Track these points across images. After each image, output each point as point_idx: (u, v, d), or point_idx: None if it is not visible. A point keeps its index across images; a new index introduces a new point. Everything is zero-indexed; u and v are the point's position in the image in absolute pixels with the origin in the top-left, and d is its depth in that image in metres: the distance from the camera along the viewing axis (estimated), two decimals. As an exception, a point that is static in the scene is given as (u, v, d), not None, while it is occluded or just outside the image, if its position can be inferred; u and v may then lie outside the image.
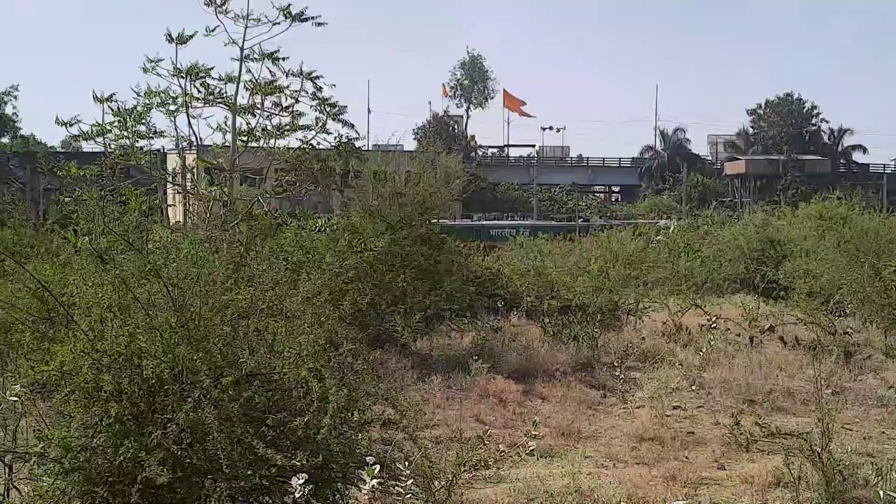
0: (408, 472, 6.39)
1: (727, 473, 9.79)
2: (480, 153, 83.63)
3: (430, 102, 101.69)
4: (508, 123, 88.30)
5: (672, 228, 41.11)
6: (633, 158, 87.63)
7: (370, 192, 14.31)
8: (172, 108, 13.31)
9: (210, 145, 14.15)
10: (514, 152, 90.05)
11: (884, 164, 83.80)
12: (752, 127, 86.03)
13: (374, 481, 6.12)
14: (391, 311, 13.63)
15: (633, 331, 18.11)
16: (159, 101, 13.17)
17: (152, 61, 13.22)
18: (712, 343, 15.62)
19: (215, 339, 6.35)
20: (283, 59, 13.68)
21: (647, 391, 13.13)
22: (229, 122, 13.60)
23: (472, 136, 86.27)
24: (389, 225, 13.79)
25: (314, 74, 13.72)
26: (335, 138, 14.03)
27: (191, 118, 13.63)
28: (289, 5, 13.28)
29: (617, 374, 14.05)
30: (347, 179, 15.06)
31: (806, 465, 8.62)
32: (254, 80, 13.40)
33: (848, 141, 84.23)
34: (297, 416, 6.19)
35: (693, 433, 11.24)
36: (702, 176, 77.40)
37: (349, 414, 6.61)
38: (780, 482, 9.21)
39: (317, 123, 13.78)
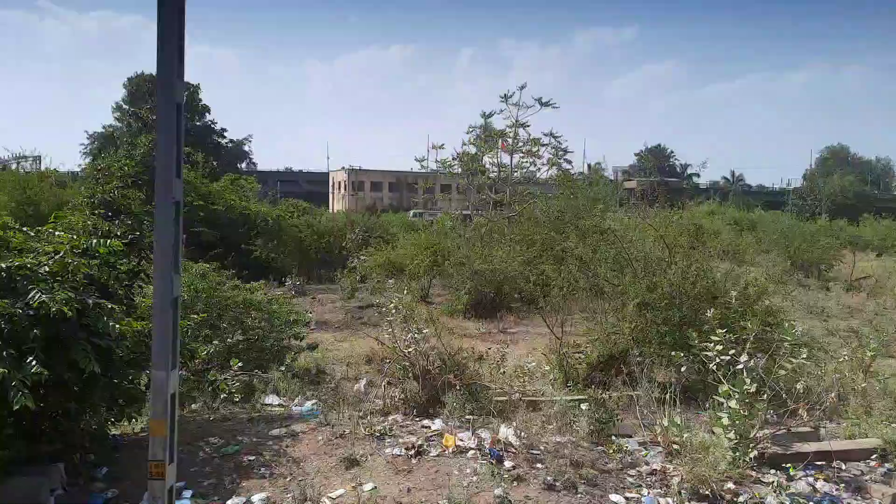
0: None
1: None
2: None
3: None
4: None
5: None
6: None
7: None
8: (480, 153, 14.51)
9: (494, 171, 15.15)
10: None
11: (708, 183, 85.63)
12: (638, 162, 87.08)
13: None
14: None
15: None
16: (475, 149, 14.41)
17: (472, 128, 14.45)
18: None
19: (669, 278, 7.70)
20: (529, 126, 14.99)
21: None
22: (508, 160, 14.83)
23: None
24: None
25: (557, 133, 15.07)
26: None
27: (496, 157, 14.83)
28: (541, 97, 14.53)
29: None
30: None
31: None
32: (525, 137, 14.74)
33: (690, 170, 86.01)
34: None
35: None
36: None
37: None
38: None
39: (549, 162, 14.90)
